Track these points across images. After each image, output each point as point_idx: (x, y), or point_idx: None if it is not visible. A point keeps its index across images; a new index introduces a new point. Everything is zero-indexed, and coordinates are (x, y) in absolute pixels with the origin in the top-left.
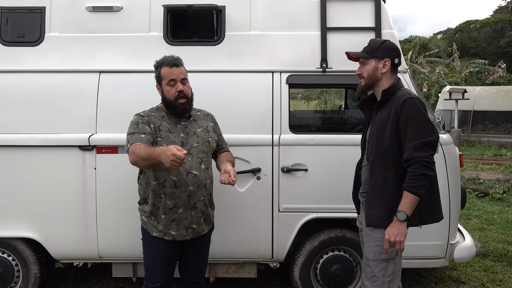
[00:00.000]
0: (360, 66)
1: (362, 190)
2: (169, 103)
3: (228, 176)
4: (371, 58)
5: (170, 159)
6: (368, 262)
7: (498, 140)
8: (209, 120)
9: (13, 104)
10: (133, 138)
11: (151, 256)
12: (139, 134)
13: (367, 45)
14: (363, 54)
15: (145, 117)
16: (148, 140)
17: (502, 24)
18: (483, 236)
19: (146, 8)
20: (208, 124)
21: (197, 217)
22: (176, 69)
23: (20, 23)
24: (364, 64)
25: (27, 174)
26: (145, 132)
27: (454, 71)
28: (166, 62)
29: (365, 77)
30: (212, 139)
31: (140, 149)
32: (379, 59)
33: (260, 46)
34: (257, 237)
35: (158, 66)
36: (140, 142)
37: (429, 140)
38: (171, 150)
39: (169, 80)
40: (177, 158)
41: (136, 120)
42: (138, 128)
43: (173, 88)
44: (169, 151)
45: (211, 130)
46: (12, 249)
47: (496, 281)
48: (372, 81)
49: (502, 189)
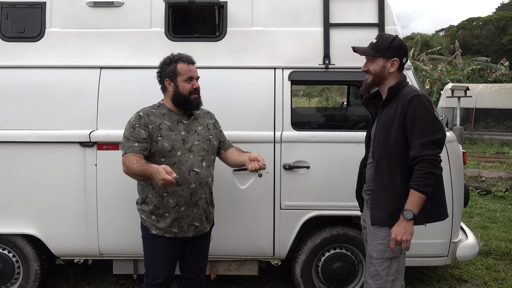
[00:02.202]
0: (367, 63)
1: (367, 188)
2: (183, 98)
3: (257, 162)
4: (380, 57)
5: (161, 182)
6: (372, 260)
7: (500, 138)
8: (209, 118)
9: (13, 100)
10: (127, 147)
11: (152, 253)
12: (133, 142)
13: (376, 41)
14: (372, 52)
15: (143, 118)
16: (142, 148)
17: (505, 22)
18: (485, 235)
19: (147, 4)
20: (208, 122)
21: (199, 214)
22: (193, 66)
23: (21, 19)
24: (371, 61)
25: (27, 170)
26: (139, 140)
27: (456, 69)
28: (183, 58)
29: (372, 74)
30: (213, 137)
31: (133, 164)
32: (388, 58)
33: (263, 42)
34: (259, 234)
35: (173, 62)
36: (133, 154)
37: (436, 138)
38: (161, 174)
39: (188, 77)
40: (166, 181)
41: (133, 122)
42: (133, 134)
43: (189, 84)
44: (159, 174)
45: (212, 128)
46: (13, 245)
47: (498, 279)
48: (379, 79)
49: (504, 187)
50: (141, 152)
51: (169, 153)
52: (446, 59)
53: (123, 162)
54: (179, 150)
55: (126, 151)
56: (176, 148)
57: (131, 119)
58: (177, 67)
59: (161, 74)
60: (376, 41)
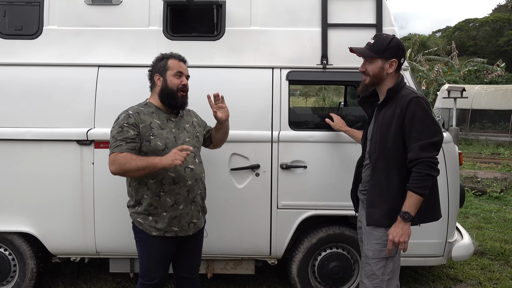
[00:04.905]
0: (365, 63)
1: (363, 188)
2: (170, 93)
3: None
4: (378, 57)
5: (176, 163)
6: (368, 260)
7: (496, 139)
8: (192, 116)
9: (11, 97)
10: (115, 146)
11: (149, 255)
12: (121, 142)
13: (374, 41)
14: (370, 53)
15: (132, 117)
16: (130, 148)
17: (501, 23)
18: (481, 235)
19: (145, 2)
20: (192, 119)
21: (196, 211)
22: (184, 65)
23: (18, 16)
24: (369, 62)
25: (24, 168)
26: (127, 139)
27: (453, 70)
28: (175, 55)
29: (370, 75)
30: (200, 134)
31: (131, 159)
32: (386, 59)
33: (261, 41)
34: (256, 233)
35: (165, 58)
36: (123, 153)
37: (434, 140)
38: (176, 153)
39: (177, 71)
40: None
41: (121, 122)
42: (122, 133)
43: (178, 80)
44: (173, 155)
45: (197, 125)
46: (9, 243)
47: (493, 279)
48: (377, 80)
49: (499, 187)
50: (128, 151)
51: (163, 151)
52: (442, 60)
53: (112, 161)
54: (172, 148)
55: (113, 151)
56: (169, 146)
57: (119, 118)
58: (168, 62)
59: (152, 70)
60: (374, 42)
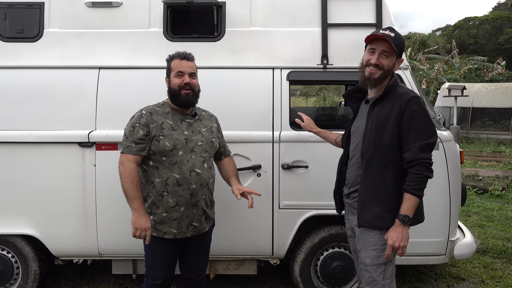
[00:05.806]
0: (380, 57)
1: (349, 190)
2: (174, 93)
3: (251, 201)
4: (396, 54)
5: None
6: (366, 267)
7: (497, 137)
8: (213, 121)
9: (12, 100)
10: (125, 146)
11: (152, 254)
12: (131, 143)
13: (394, 36)
14: (396, 49)
15: (144, 117)
16: (139, 149)
17: (501, 21)
18: (483, 233)
19: (146, 4)
20: (212, 125)
21: (198, 215)
22: (186, 62)
23: (19, 19)
24: (386, 56)
25: (26, 170)
26: (137, 140)
27: (453, 68)
28: (177, 55)
29: (384, 69)
30: (215, 140)
31: (130, 180)
32: (399, 57)
33: (261, 42)
34: (258, 234)
35: (170, 59)
36: (133, 162)
37: (431, 141)
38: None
39: (178, 71)
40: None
41: (134, 121)
42: (132, 133)
43: (179, 79)
44: (133, 229)
45: (215, 131)
46: (12, 246)
47: (495, 277)
48: (386, 76)
49: (501, 186)
50: (138, 153)
51: (170, 152)
52: (443, 58)
53: (121, 161)
54: (180, 150)
55: (123, 151)
56: (178, 148)
57: (134, 117)
58: (171, 63)
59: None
60: (394, 37)
